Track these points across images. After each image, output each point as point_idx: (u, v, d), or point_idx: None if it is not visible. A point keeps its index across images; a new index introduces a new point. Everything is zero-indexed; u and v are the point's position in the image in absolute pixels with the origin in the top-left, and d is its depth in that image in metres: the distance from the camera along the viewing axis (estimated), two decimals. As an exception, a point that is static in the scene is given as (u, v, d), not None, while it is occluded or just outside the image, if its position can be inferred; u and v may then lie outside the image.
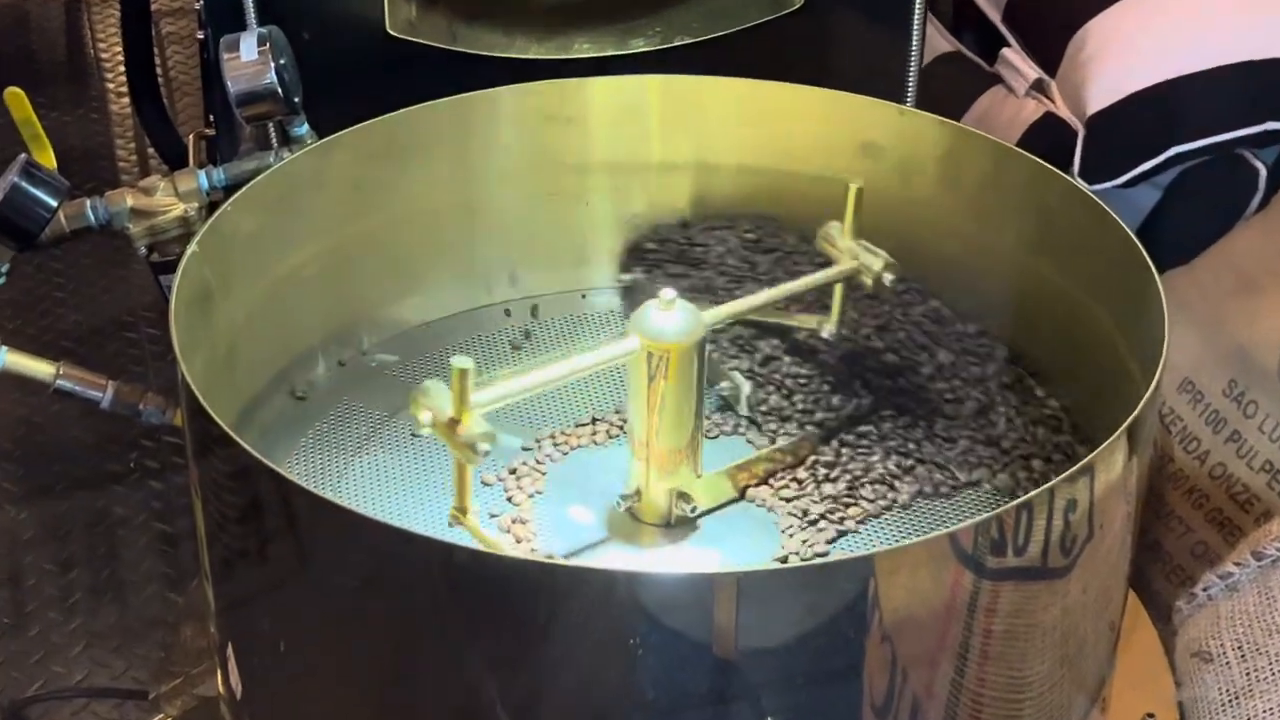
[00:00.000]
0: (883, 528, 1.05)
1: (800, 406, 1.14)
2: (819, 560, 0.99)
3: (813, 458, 1.09)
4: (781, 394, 1.15)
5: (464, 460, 0.91)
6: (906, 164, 1.19)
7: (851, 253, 1.12)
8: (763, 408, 1.13)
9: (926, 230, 1.19)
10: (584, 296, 1.28)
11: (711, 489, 1.05)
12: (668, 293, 0.98)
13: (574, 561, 0.99)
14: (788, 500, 1.06)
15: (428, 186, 1.21)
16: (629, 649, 0.85)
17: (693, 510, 1.03)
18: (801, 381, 1.16)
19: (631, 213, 1.27)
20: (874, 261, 1.11)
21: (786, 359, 1.18)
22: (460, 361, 0.90)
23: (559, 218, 1.26)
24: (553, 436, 1.12)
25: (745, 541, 1.04)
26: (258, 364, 1.12)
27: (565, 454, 1.11)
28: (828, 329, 1.16)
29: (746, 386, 1.14)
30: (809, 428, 1.11)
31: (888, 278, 1.10)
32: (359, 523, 0.87)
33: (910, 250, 1.20)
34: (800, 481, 1.08)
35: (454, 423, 0.91)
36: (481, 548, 0.93)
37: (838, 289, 1.15)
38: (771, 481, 1.08)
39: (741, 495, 1.06)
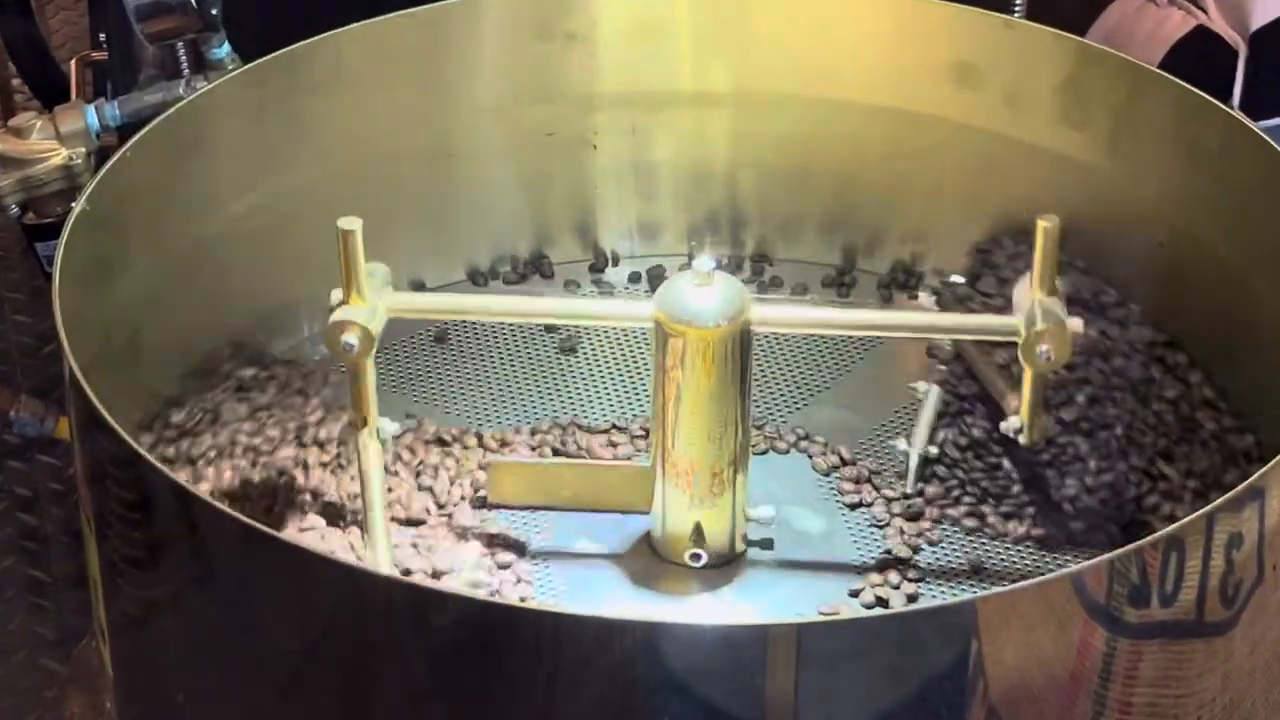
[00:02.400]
0: (988, 561, 1.07)
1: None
2: (902, 609, 1.00)
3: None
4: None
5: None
6: (1015, 93, 1.20)
7: (1028, 314, 0.99)
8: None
9: (1039, 182, 1.20)
10: (591, 268, 1.30)
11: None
12: (705, 262, 0.99)
13: (582, 609, 1.00)
14: (880, 526, 1.08)
15: (388, 125, 1.22)
16: (655, 725, 0.86)
17: (695, 557, 1.03)
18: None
19: (652, 159, 1.28)
20: (1047, 345, 0.98)
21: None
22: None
23: (558, 165, 1.27)
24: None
25: (807, 583, 1.05)
26: (168, 356, 1.13)
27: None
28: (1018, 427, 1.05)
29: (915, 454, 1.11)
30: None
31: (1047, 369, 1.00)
32: (306, 561, 0.88)
33: (1021, 206, 1.21)
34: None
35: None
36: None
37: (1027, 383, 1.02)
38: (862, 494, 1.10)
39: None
